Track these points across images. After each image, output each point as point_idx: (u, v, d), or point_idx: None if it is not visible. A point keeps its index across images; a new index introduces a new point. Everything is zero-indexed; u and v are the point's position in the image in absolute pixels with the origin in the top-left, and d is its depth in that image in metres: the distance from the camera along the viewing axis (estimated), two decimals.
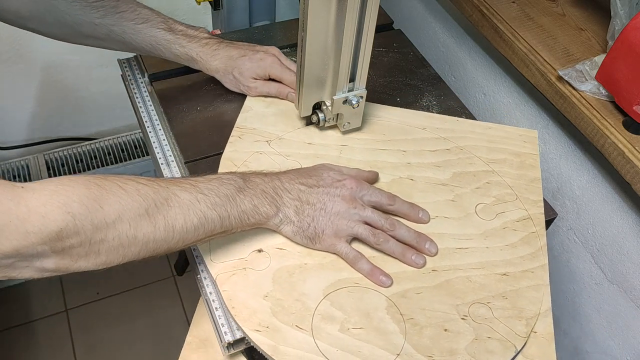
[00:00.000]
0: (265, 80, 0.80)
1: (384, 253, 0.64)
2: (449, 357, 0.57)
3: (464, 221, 0.68)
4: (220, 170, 0.71)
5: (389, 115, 0.80)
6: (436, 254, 0.65)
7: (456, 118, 0.80)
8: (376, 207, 0.66)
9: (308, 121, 0.77)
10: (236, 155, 0.73)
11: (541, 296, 0.62)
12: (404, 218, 0.68)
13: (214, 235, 0.58)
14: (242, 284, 0.61)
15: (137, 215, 0.51)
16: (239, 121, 0.78)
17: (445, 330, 0.59)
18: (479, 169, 0.74)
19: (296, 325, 0.58)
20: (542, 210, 0.70)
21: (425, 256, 0.64)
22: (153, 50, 0.78)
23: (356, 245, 0.65)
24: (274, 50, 0.81)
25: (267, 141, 0.75)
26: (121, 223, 0.50)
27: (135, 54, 0.88)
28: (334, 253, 0.64)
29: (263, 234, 0.64)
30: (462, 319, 0.60)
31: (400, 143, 0.76)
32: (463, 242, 0.66)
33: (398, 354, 0.57)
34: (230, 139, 0.75)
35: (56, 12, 0.71)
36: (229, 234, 0.60)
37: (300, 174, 0.65)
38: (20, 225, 0.45)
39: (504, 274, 0.64)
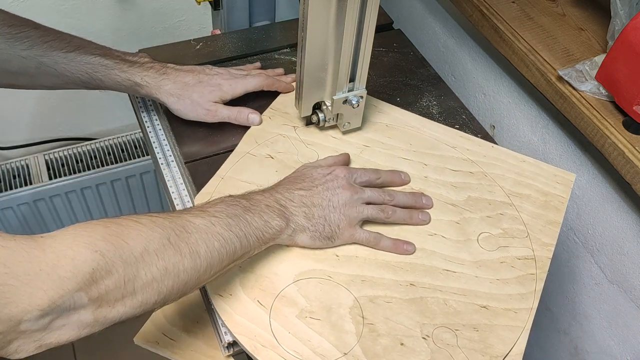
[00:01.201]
0: (224, 103, 0.76)
1: (394, 224, 0.67)
2: None
3: (461, 245, 0.67)
4: (241, 143, 0.74)
5: (423, 127, 0.79)
6: (432, 206, 0.69)
7: (491, 144, 0.78)
8: (368, 186, 0.68)
9: (308, 121, 0.77)
10: (261, 133, 0.76)
11: (516, 338, 0.59)
12: (390, 186, 0.71)
13: (236, 259, 0.57)
14: None
15: (162, 245, 0.49)
16: (275, 103, 0.80)
17: (402, 344, 0.57)
18: (497, 198, 0.72)
19: (257, 300, 0.59)
20: (550, 255, 0.67)
21: (407, 270, 0.64)
22: (90, 81, 0.72)
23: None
24: (222, 69, 0.78)
25: (293, 127, 0.77)
26: (148, 255, 0.48)
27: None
28: (354, 242, 0.65)
29: None
30: (423, 338, 0.58)
31: (424, 156, 0.75)
32: (453, 266, 0.64)
33: (345, 353, 0.56)
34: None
35: None
36: (248, 257, 0.59)
37: (292, 181, 0.65)
38: (52, 272, 0.42)
39: (484, 307, 0.61)
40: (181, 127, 0.78)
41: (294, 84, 0.81)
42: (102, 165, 1.41)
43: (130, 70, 0.72)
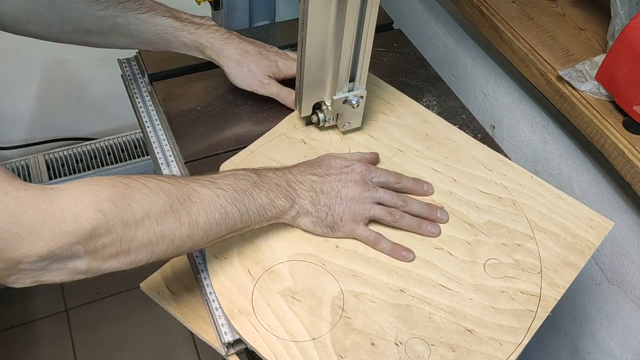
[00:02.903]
0: (276, 80, 0.79)
1: (401, 229, 0.66)
2: None
3: (465, 266, 0.64)
4: (279, 124, 0.76)
5: (464, 144, 0.77)
6: (447, 220, 0.68)
7: (531, 174, 0.74)
8: (384, 187, 0.68)
9: (308, 121, 0.77)
10: (298, 121, 0.77)
11: None
12: (410, 194, 0.70)
13: (235, 231, 0.59)
14: None
15: (163, 211, 0.52)
16: None
17: (372, 344, 0.57)
18: (519, 229, 0.68)
19: (248, 270, 0.62)
20: (558, 297, 0.62)
21: (402, 276, 0.63)
22: (159, 41, 0.75)
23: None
24: (280, 50, 0.81)
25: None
26: (149, 220, 0.51)
27: (134, 54, 0.88)
28: (354, 238, 0.65)
29: None
30: (395, 344, 0.57)
31: (456, 172, 0.74)
32: (449, 283, 0.62)
33: (314, 338, 0.57)
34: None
35: (57, 9, 0.69)
36: (247, 230, 0.61)
37: (309, 165, 0.66)
38: (55, 226, 0.45)
39: (469, 330, 0.59)
40: (181, 127, 0.78)
41: None
42: (102, 165, 1.41)
43: (198, 32, 0.75)
